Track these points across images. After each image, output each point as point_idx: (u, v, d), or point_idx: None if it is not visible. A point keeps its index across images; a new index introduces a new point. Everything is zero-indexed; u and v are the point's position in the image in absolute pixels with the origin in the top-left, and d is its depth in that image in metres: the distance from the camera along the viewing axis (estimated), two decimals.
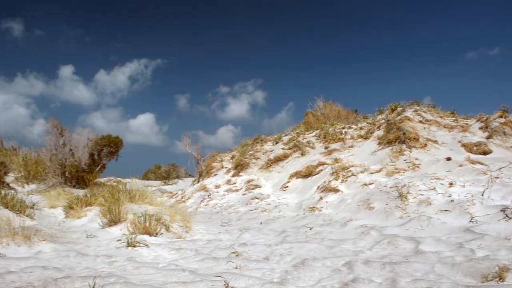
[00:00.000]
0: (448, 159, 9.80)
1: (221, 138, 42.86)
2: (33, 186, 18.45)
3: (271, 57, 51.24)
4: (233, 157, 17.44)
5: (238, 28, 50.87)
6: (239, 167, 15.69)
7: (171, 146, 45.01)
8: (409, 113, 13.04)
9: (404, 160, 10.35)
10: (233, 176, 15.48)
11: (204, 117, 47.67)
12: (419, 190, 8.12)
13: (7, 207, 8.62)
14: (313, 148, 14.67)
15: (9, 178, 18.70)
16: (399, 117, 12.81)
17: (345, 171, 10.91)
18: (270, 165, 14.91)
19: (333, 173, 11.05)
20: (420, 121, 12.55)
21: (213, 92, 48.98)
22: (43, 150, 19.80)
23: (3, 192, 9.24)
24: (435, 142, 11.32)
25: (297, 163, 14.09)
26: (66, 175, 17.98)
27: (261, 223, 8.82)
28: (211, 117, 47.18)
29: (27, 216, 8.83)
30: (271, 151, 15.76)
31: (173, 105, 48.25)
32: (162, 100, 52.19)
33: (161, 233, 6.79)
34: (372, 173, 10.27)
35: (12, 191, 11.64)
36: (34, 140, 46.29)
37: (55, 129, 18.68)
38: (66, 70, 45.30)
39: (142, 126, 45.05)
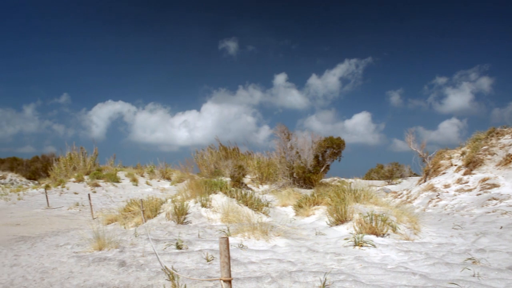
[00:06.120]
0: None
1: (443, 133, 39.58)
2: (266, 187, 20.40)
3: (501, 39, 44.98)
4: (463, 153, 15.97)
5: (453, 13, 46.36)
6: (471, 164, 14.27)
7: (389, 145, 43.77)
8: None
9: None
10: (464, 174, 14.17)
11: (420, 111, 44.82)
12: None
13: (246, 205, 9.76)
14: None
15: (246, 179, 21.10)
16: None
17: None
18: (510, 161, 13.13)
19: None
20: None
21: (429, 84, 45.59)
22: (273, 153, 21.70)
23: (243, 192, 10.50)
24: None
25: None
26: (294, 176, 19.29)
27: (501, 227, 7.83)
28: (428, 111, 44.02)
29: (263, 213, 9.83)
30: (510, 145, 13.87)
31: (386, 102, 46.85)
32: (375, 98, 51.17)
33: (388, 234, 6.67)
34: None
35: (250, 191, 13.09)
36: (259, 144, 51.20)
37: (282, 134, 20.26)
38: (280, 78, 48.83)
39: (358, 126, 45.07)
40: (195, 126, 45.81)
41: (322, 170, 19.77)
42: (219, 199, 9.72)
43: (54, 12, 50.03)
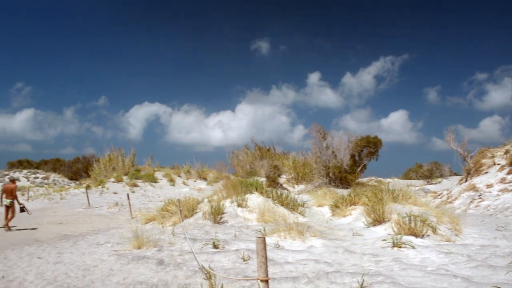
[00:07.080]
0: None
1: (485, 131, 38.31)
2: (301, 186, 20.30)
3: None
4: (506, 152, 15.39)
5: (492, 6, 44.57)
6: None
7: (427, 143, 42.77)
8: None
9: None
10: (508, 173, 13.66)
11: (459, 109, 43.54)
12: None
13: (282, 205, 9.74)
14: None
15: (282, 179, 21.06)
16: None
17: None
18: None
19: None
20: None
21: (469, 80, 44.18)
22: (309, 153, 21.57)
23: (278, 192, 10.48)
24: None
25: None
26: (330, 175, 19.11)
27: None
28: (468, 108, 42.69)
29: (299, 213, 9.78)
30: None
31: (423, 100, 45.74)
32: (412, 96, 50.13)
33: (428, 235, 6.51)
34: None
35: (285, 191, 13.06)
36: (294, 144, 51.18)
37: (318, 133, 20.10)
38: (313, 77, 48.69)
39: (394, 124, 44.27)
40: (229, 126, 46.24)
41: (358, 169, 19.50)
42: (255, 199, 9.75)
43: (92, 17, 51.68)
